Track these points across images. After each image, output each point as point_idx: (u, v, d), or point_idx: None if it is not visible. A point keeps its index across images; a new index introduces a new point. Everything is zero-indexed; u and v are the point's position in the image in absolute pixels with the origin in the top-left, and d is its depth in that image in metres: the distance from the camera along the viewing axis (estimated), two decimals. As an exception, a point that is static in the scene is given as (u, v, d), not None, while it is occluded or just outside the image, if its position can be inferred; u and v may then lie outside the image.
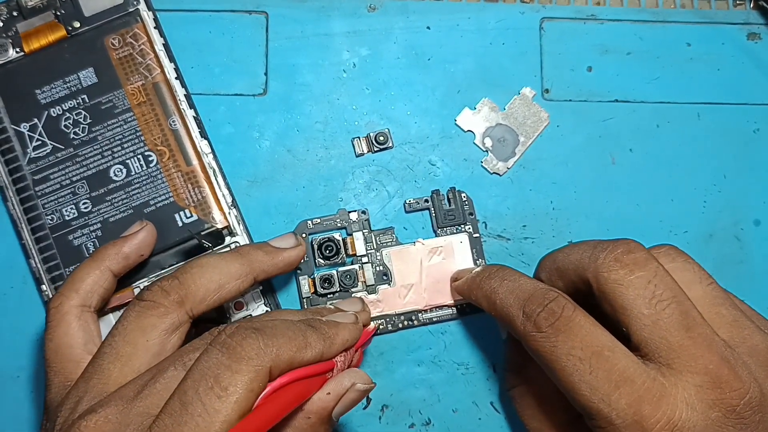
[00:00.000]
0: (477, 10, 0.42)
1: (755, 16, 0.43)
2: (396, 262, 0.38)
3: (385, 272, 0.38)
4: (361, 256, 0.38)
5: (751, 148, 0.42)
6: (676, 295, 0.28)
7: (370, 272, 0.38)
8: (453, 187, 0.40)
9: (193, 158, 0.39)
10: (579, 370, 0.28)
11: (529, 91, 0.42)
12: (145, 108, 0.39)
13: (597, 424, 0.27)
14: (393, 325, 0.38)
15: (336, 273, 0.38)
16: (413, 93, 0.42)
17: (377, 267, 0.38)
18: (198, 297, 0.31)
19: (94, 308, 0.34)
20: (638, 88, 0.42)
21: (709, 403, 0.26)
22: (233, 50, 0.42)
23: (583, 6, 0.43)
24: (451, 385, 0.40)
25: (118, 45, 0.39)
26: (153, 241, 0.37)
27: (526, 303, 0.30)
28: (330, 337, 0.29)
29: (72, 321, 0.33)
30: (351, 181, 0.41)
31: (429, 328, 0.40)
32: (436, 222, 0.40)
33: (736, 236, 0.41)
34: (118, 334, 0.30)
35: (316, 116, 0.41)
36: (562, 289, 0.32)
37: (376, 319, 0.38)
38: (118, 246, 0.35)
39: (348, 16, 0.42)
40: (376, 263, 0.38)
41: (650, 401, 0.26)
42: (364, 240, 0.38)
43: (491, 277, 0.33)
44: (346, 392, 0.29)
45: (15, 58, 0.39)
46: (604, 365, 0.27)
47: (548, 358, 0.29)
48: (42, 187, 0.38)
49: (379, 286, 0.38)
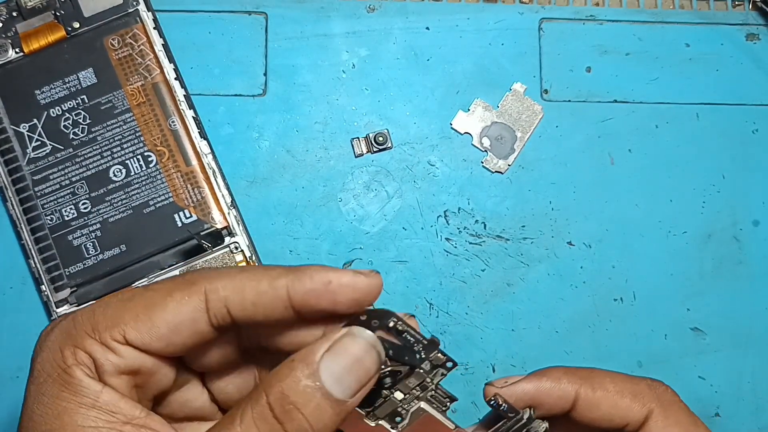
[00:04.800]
0: (476, 11, 0.42)
1: (754, 17, 0.43)
2: (417, 423, 0.29)
3: (400, 416, 0.28)
4: (400, 389, 0.28)
5: (750, 149, 0.42)
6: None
7: (390, 406, 0.28)
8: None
9: (193, 158, 0.39)
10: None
11: (519, 86, 0.42)
12: (144, 108, 0.39)
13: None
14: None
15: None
16: (412, 93, 0.42)
17: (400, 407, 0.28)
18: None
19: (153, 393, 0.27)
20: (637, 88, 0.42)
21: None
22: (233, 51, 0.42)
23: (582, 7, 0.43)
24: (450, 385, 0.39)
25: (118, 45, 0.39)
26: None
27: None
28: (297, 270, 0.25)
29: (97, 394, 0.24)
30: (350, 181, 0.41)
31: (428, 328, 0.40)
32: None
33: (734, 236, 0.41)
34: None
35: (316, 117, 0.41)
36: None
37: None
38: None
39: (347, 16, 0.42)
40: (402, 404, 0.28)
41: None
42: (421, 386, 0.28)
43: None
44: (341, 338, 0.24)
45: (14, 58, 0.39)
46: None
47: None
48: (41, 188, 0.38)
49: (380, 421, 0.28)
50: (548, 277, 0.40)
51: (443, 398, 0.28)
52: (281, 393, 0.23)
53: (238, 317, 0.25)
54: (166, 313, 0.25)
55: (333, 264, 0.40)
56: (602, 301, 0.40)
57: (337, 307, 0.25)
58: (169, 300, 0.25)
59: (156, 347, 0.25)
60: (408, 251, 0.40)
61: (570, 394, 0.28)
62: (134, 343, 0.25)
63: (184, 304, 0.25)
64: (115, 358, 0.24)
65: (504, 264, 0.40)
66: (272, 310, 0.25)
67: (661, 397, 0.28)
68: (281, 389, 0.23)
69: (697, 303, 0.41)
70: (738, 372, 0.40)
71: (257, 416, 0.23)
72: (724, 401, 0.40)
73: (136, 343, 0.25)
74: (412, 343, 0.26)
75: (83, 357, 0.24)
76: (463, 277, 0.40)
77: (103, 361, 0.24)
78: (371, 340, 0.24)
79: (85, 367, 0.24)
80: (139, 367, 0.25)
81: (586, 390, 0.28)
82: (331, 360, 0.24)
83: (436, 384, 0.27)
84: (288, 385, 0.23)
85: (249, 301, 0.25)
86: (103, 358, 0.24)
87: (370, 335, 0.25)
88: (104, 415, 0.24)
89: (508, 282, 0.40)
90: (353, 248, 0.40)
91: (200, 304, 0.25)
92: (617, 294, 0.41)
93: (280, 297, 0.25)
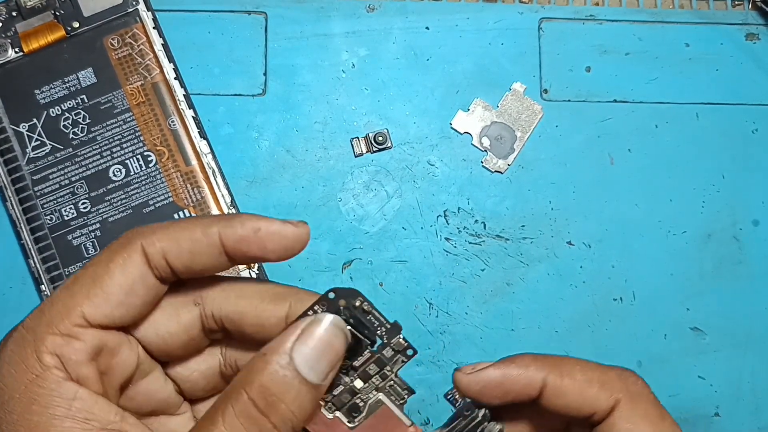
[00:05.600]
0: (476, 11, 0.42)
1: (754, 17, 0.43)
2: (374, 417, 0.28)
3: (358, 410, 0.28)
4: (359, 375, 0.28)
5: (749, 149, 0.42)
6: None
7: (348, 394, 0.28)
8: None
9: (192, 158, 0.39)
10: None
11: (519, 86, 0.42)
12: (144, 108, 0.39)
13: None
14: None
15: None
16: (412, 93, 0.42)
17: (358, 398, 0.28)
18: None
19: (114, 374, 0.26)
20: (637, 88, 0.42)
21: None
22: (232, 51, 0.42)
23: (582, 6, 0.43)
24: (450, 385, 0.39)
25: (118, 45, 0.39)
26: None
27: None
28: (229, 217, 0.25)
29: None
30: (350, 181, 0.41)
31: (428, 328, 0.40)
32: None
33: (734, 236, 0.41)
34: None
35: (315, 116, 0.41)
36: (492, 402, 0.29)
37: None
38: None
39: (347, 16, 0.42)
40: (361, 394, 0.28)
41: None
42: (381, 375, 0.28)
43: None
44: (309, 324, 0.24)
45: (14, 58, 0.39)
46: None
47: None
48: (41, 187, 0.38)
49: (337, 412, 0.28)
50: (548, 277, 0.40)
51: (402, 390, 0.28)
52: (261, 386, 0.23)
53: (177, 267, 0.26)
54: (114, 278, 0.25)
55: (332, 265, 0.40)
56: (602, 300, 0.40)
57: (267, 255, 0.26)
58: (113, 266, 0.25)
59: (117, 315, 0.25)
60: (408, 251, 0.40)
61: (537, 381, 0.28)
62: (95, 319, 0.25)
63: (128, 265, 0.25)
64: (80, 344, 0.24)
65: (504, 264, 0.40)
66: (208, 258, 0.26)
67: (630, 387, 0.28)
68: (260, 382, 0.23)
69: (696, 303, 0.41)
70: (737, 372, 0.40)
71: (240, 413, 0.23)
72: (723, 401, 0.40)
73: (97, 319, 0.25)
74: (375, 325, 0.27)
75: (48, 359, 0.24)
76: (462, 277, 0.40)
77: (70, 353, 0.24)
78: (337, 323, 0.25)
79: (54, 369, 0.24)
80: (102, 347, 0.25)
81: (554, 378, 0.28)
82: (302, 347, 0.24)
83: (395, 372, 0.28)
84: (266, 377, 0.23)
85: (185, 250, 0.26)
86: (69, 350, 0.24)
87: (336, 318, 0.25)
88: (79, 424, 0.23)
89: (508, 282, 0.40)
90: (353, 248, 0.40)
91: (141, 259, 0.25)
92: (617, 294, 0.41)
93: (214, 243, 0.26)
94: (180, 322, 0.28)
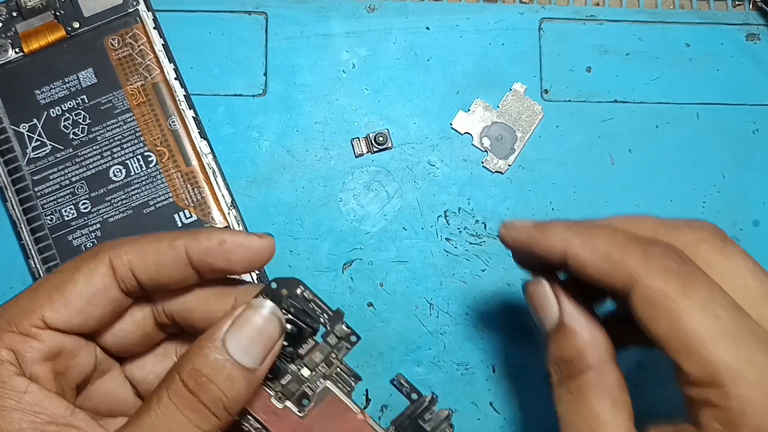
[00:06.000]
0: (476, 11, 0.42)
1: (754, 17, 0.43)
2: (323, 405, 0.29)
3: (307, 399, 0.28)
4: (305, 364, 0.29)
5: (750, 149, 0.42)
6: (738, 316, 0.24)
7: (296, 383, 0.29)
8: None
9: (193, 159, 0.39)
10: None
11: (520, 86, 0.42)
12: (144, 108, 0.39)
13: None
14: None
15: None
16: (412, 93, 0.42)
17: (306, 387, 0.29)
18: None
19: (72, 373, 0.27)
20: (637, 88, 0.42)
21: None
22: (233, 51, 0.42)
23: (582, 6, 0.43)
24: (450, 385, 0.40)
25: (118, 45, 0.39)
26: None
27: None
28: (195, 231, 0.26)
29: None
30: (350, 181, 0.41)
31: (428, 328, 0.40)
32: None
33: (735, 237, 0.41)
34: None
35: (316, 117, 0.41)
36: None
37: (256, 428, 0.29)
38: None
39: (347, 16, 0.42)
40: (309, 382, 0.29)
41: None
42: (326, 362, 0.29)
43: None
44: (242, 312, 0.25)
45: (14, 58, 0.39)
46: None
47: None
48: (41, 188, 0.38)
49: (287, 402, 0.28)
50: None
51: (348, 377, 0.29)
52: (192, 369, 0.24)
53: (143, 280, 0.27)
54: (78, 286, 0.26)
55: (332, 265, 0.40)
56: (602, 301, 0.40)
57: (232, 266, 0.27)
58: (78, 274, 0.26)
59: (76, 323, 0.26)
60: (408, 251, 0.40)
61: (557, 248, 0.27)
62: (53, 323, 0.25)
63: (93, 275, 0.26)
64: (37, 344, 0.25)
65: (504, 264, 0.40)
66: (174, 270, 0.27)
67: (648, 266, 0.25)
68: (192, 366, 0.24)
69: (697, 303, 0.41)
70: (738, 372, 0.40)
71: (173, 394, 0.24)
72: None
73: (56, 323, 0.26)
74: (318, 313, 0.28)
75: (3, 354, 0.25)
76: (463, 277, 0.40)
77: (26, 351, 0.25)
78: (271, 309, 0.26)
79: (8, 363, 0.25)
80: (60, 349, 0.26)
81: (574, 248, 0.27)
82: (235, 333, 0.25)
83: (340, 359, 0.29)
84: (198, 361, 0.25)
85: (151, 262, 0.26)
86: (25, 347, 0.25)
87: (269, 304, 0.26)
88: (28, 416, 0.24)
89: (509, 282, 0.40)
90: (353, 248, 0.40)
91: (107, 271, 0.26)
92: (617, 294, 0.41)
93: (180, 256, 0.26)
94: (134, 319, 0.29)
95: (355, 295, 0.40)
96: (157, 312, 0.29)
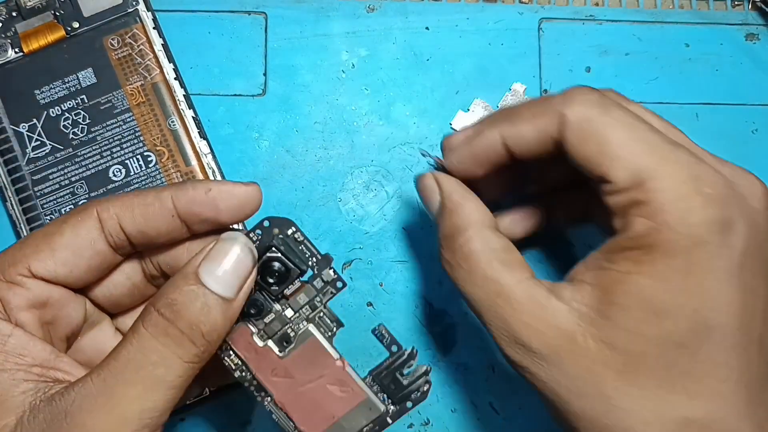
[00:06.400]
0: (476, 11, 0.43)
1: (753, 17, 0.43)
2: (303, 348, 0.29)
3: (288, 340, 0.29)
4: (290, 305, 0.29)
5: (749, 149, 0.42)
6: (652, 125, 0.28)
7: (279, 323, 0.29)
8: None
9: (192, 158, 0.39)
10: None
11: (519, 86, 0.42)
12: (144, 108, 0.39)
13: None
14: (242, 378, 0.29)
15: (261, 296, 0.29)
16: (412, 93, 0.42)
17: (288, 328, 0.29)
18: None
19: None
20: (637, 88, 0.42)
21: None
22: (232, 51, 0.42)
23: (582, 7, 0.43)
24: (449, 385, 0.40)
25: (117, 45, 0.39)
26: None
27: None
28: (181, 182, 0.27)
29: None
30: (350, 181, 0.41)
31: (428, 328, 0.40)
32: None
33: (734, 236, 0.41)
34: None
35: (315, 117, 0.41)
36: (481, 174, 0.31)
37: (236, 364, 0.29)
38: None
39: (347, 16, 0.42)
40: (291, 324, 0.29)
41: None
42: (310, 305, 0.29)
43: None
44: (214, 245, 0.26)
45: (14, 58, 0.39)
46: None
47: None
48: (41, 188, 0.38)
49: (269, 341, 0.29)
50: (548, 276, 0.40)
51: (330, 322, 0.29)
52: (167, 299, 0.25)
53: (131, 233, 0.27)
54: (64, 237, 0.26)
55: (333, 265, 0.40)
56: (602, 301, 0.40)
57: (219, 216, 0.27)
58: (65, 226, 0.26)
59: (61, 273, 0.26)
60: (408, 251, 0.40)
61: (495, 139, 0.29)
62: (39, 273, 0.26)
63: (80, 227, 0.26)
64: (23, 291, 0.26)
65: (504, 264, 0.40)
66: (162, 222, 0.27)
67: (571, 99, 0.28)
68: (167, 296, 0.25)
69: (696, 303, 0.41)
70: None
71: (148, 324, 0.25)
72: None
73: (42, 273, 0.26)
74: (307, 255, 0.29)
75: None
76: (462, 277, 0.40)
77: (10, 297, 0.25)
78: (242, 239, 0.26)
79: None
80: (47, 299, 0.26)
81: (507, 128, 0.29)
82: (208, 264, 0.25)
83: (324, 304, 0.29)
84: (173, 293, 0.25)
85: (139, 215, 0.27)
86: (10, 295, 0.25)
87: (239, 235, 0.27)
88: (12, 358, 0.25)
89: (508, 282, 0.40)
90: (353, 248, 0.40)
91: (95, 223, 0.26)
92: (617, 294, 0.41)
93: (167, 207, 0.27)
94: (123, 272, 0.29)
95: (354, 294, 0.40)
96: (145, 263, 0.29)
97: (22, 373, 0.24)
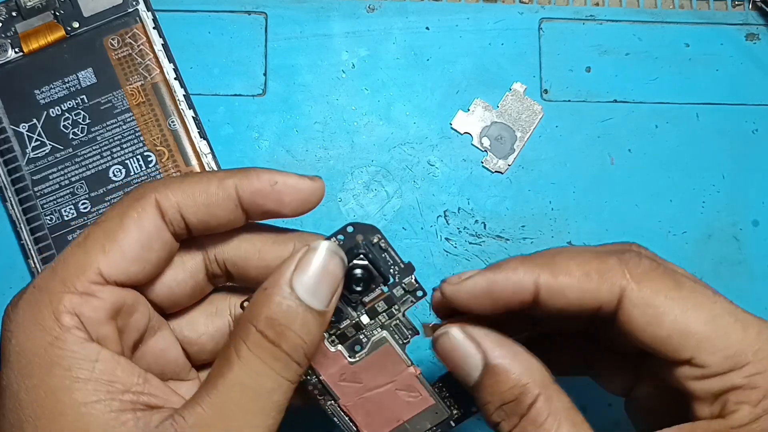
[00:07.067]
0: (476, 11, 0.42)
1: (754, 17, 0.43)
2: (376, 354, 0.28)
3: (360, 344, 0.28)
4: (366, 311, 0.28)
5: (749, 149, 0.42)
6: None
7: (354, 329, 0.28)
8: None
9: (192, 158, 0.39)
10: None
11: (519, 86, 0.42)
12: (144, 108, 0.39)
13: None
14: (306, 381, 0.28)
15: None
16: (412, 93, 0.42)
17: (362, 334, 0.28)
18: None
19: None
20: (637, 88, 0.42)
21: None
22: (232, 51, 0.42)
23: (582, 7, 0.43)
24: (450, 385, 0.40)
25: (117, 45, 0.39)
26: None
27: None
28: (244, 170, 0.25)
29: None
30: (350, 181, 0.41)
31: (428, 328, 0.40)
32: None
33: (734, 236, 0.41)
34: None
35: (315, 117, 0.41)
36: (486, 314, 0.26)
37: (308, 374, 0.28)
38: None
39: (347, 16, 0.42)
40: (365, 330, 0.28)
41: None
42: (388, 313, 0.28)
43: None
44: (304, 254, 0.24)
45: (14, 58, 0.39)
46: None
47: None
48: (41, 188, 0.38)
49: (340, 346, 0.28)
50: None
51: (406, 330, 0.29)
52: (267, 318, 0.23)
53: (192, 222, 0.25)
54: (130, 233, 0.24)
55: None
56: (602, 301, 0.40)
57: (282, 209, 0.26)
58: (127, 221, 0.24)
59: (134, 271, 0.24)
60: (408, 251, 0.40)
61: (528, 284, 0.25)
62: (112, 276, 0.23)
63: (143, 219, 0.24)
64: (99, 303, 0.23)
65: (504, 264, 0.40)
66: (223, 211, 0.25)
67: (633, 270, 0.24)
68: (266, 315, 0.23)
69: (696, 303, 0.41)
70: (738, 372, 0.40)
71: (253, 345, 0.23)
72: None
73: (115, 276, 0.24)
74: (390, 263, 0.28)
75: (67, 319, 0.22)
76: (462, 277, 0.40)
77: (88, 312, 0.23)
78: (332, 248, 0.25)
79: (74, 329, 0.22)
80: (121, 305, 0.24)
81: (547, 277, 0.24)
82: (301, 275, 0.24)
83: (403, 312, 0.28)
84: (271, 309, 0.23)
85: (201, 203, 0.25)
86: (88, 309, 0.23)
87: (329, 244, 0.25)
88: (103, 386, 0.22)
89: (508, 282, 0.40)
90: (353, 248, 0.40)
91: (156, 213, 0.25)
92: (617, 294, 0.41)
93: (230, 196, 0.25)
94: (186, 268, 0.27)
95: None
96: (209, 261, 0.27)
97: (117, 403, 0.22)
